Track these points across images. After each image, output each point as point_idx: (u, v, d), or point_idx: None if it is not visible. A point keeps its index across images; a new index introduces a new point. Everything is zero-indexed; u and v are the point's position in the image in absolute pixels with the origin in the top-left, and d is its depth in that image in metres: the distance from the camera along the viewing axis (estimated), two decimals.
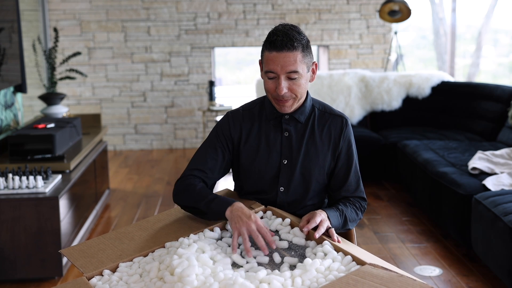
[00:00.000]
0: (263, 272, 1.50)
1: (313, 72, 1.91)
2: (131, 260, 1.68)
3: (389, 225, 3.98)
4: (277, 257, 1.64)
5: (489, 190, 3.31)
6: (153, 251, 1.71)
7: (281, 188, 1.93)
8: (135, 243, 1.75)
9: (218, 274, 1.49)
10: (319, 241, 1.68)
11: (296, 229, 1.73)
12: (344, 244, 1.69)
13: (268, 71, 1.83)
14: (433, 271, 3.22)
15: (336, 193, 1.97)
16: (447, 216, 3.53)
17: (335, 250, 1.61)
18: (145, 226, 1.85)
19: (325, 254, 1.60)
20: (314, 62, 1.91)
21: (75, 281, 1.57)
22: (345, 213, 1.88)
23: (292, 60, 1.80)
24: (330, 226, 1.73)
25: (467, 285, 3.05)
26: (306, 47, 1.84)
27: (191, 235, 1.73)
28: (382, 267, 1.48)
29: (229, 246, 1.72)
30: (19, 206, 3.07)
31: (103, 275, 1.62)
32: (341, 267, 1.53)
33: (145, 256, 1.69)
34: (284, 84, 1.81)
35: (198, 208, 1.82)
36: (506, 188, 3.31)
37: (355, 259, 1.55)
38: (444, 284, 3.07)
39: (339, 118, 1.95)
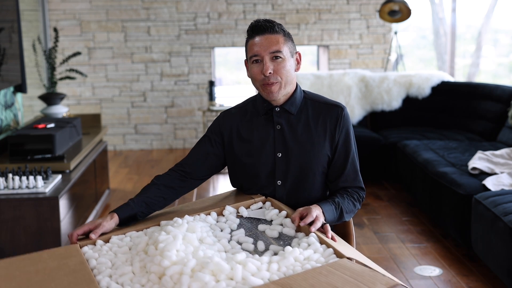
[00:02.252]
0: (242, 255, 1.52)
1: (298, 61, 1.95)
2: (124, 234, 1.76)
3: (389, 225, 3.98)
4: (261, 245, 1.67)
5: (489, 190, 3.31)
6: (148, 228, 1.79)
7: (278, 181, 1.93)
8: (134, 226, 1.84)
9: (198, 252, 1.53)
10: (308, 233, 1.69)
11: (288, 220, 1.75)
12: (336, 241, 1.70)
13: (252, 56, 1.87)
14: (433, 271, 3.22)
15: (334, 183, 1.96)
16: (447, 216, 3.53)
17: (320, 243, 1.63)
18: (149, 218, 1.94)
19: (309, 245, 1.62)
20: (298, 52, 1.95)
21: (68, 247, 1.66)
22: (341, 205, 1.87)
23: (274, 41, 1.86)
24: (325, 222, 1.73)
25: (467, 285, 3.05)
26: (287, 35, 1.90)
27: (186, 216, 1.79)
28: (359, 261, 1.49)
29: (222, 230, 1.77)
30: (19, 206, 3.07)
31: (95, 245, 1.70)
32: (320, 258, 1.55)
33: (137, 231, 1.77)
34: (269, 65, 1.85)
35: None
36: (506, 188, 3.31)
37: (336, 252, 1.56)
38: (444, 284, 3.07)
39: (335, 108, 1.94)
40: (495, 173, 3.58)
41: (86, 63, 6.47)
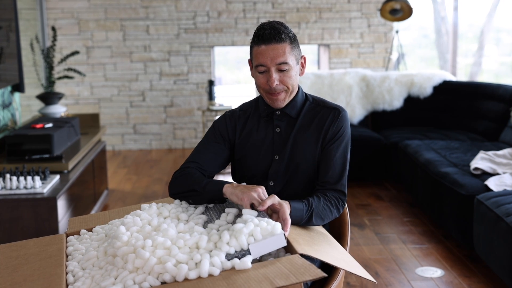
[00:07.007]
0: (180, 226, 1.63)
1: (302, 66, 1.95)
2: (107, 223, 1.86)
3: (390, 226, 3.95)
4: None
5: (491, 190, 3.28)
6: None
7: (270, 182, 1.94)
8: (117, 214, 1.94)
9: (145, 227, 1.65)
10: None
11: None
12: (304, 240, 1.68)
13: (258, 65, 1.86)
14: (435, 272, 3.19)
15: (317, 181, 1.93)
16: (449, 217, 3.50)
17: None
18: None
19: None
20: (303, 56, 1.94)
21: (54, 236, 1.82)
22: (313, 208, 1.81)
23: (281, 51, 1.83)
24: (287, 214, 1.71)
25: (469, 286, 3.02)
26: (293, 40, 1.88)
27: (174, 203, 1.86)
28: (309, 256, 1.51)
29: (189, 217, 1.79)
30: (17, 207, 3.04)
31: (80, 235, 1.84)
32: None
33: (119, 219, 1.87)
34: (275, 76, 1.85)
35: (194, 189, 1.81)
36: (509, 188, 3.29)
37: (293, 250, 1.56)
38: (446, 285, 3.04)
39: (333, 110, 1.93)
40: (497, 174, 3.55)
41: (84, 62, 6.44)
